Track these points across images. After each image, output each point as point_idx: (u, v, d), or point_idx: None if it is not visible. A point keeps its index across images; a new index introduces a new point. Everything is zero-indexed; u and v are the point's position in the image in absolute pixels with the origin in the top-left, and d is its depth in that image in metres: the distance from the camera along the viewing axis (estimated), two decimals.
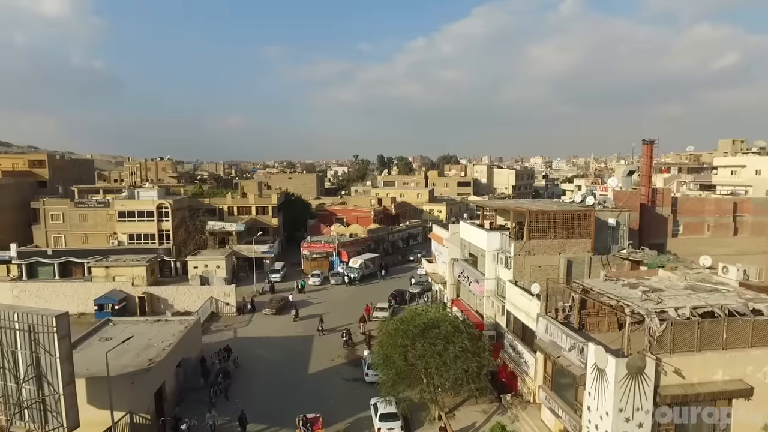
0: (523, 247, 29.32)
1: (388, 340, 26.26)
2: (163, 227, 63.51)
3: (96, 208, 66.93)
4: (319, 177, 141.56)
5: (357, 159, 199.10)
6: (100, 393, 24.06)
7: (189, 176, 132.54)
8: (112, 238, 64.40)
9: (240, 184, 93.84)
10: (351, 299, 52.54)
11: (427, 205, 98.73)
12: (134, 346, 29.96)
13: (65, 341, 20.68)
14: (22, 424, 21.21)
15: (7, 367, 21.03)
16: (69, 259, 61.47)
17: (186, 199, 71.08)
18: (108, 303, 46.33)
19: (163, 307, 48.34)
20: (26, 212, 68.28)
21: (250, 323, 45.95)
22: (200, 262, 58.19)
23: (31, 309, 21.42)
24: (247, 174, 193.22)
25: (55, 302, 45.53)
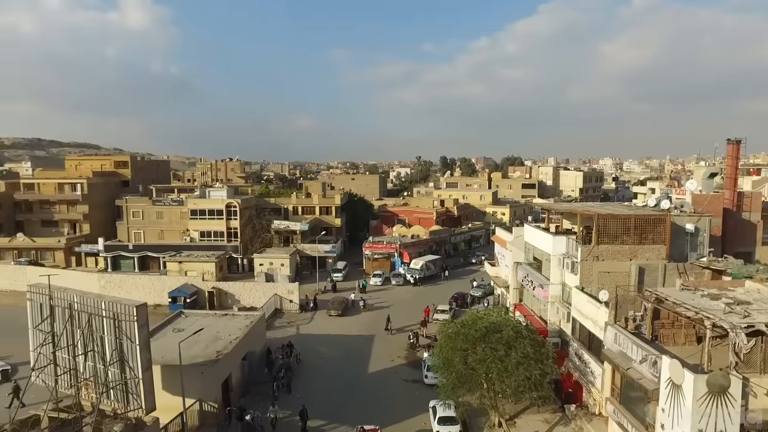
0: (591, 252, 28.15)
1: (448, 343, 26.03)
2: (232, 225, 66.25)
3: (171, 206, 70.92)
4: (382, 178, 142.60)
5: (419, 160, 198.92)
6: (173, 380, 25.50)
7: (256, 176, 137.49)
8: (185, 234, 67.96)
9: (304, 185, 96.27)
10: (412, 300, 52.53)
11: (490, 208, 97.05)
12: (204, 338, 31.48)
13: (144, 330, 22.08)
14: (109, 402, 22.86)
15: (96, 350, 22.76)
16: (147, 253, 65.57)
17: (253, 198, 73.75)
18: (181, 296, 48.91)
19: (230, 301, 50.48)
20: (112, 209, 73.63)
21: (312, 321, 47.02)
22: (266, 259, 60.21)
23: (116, 299, 23.04)
24: (312, 174, 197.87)
25: (134, 293, 48.72)
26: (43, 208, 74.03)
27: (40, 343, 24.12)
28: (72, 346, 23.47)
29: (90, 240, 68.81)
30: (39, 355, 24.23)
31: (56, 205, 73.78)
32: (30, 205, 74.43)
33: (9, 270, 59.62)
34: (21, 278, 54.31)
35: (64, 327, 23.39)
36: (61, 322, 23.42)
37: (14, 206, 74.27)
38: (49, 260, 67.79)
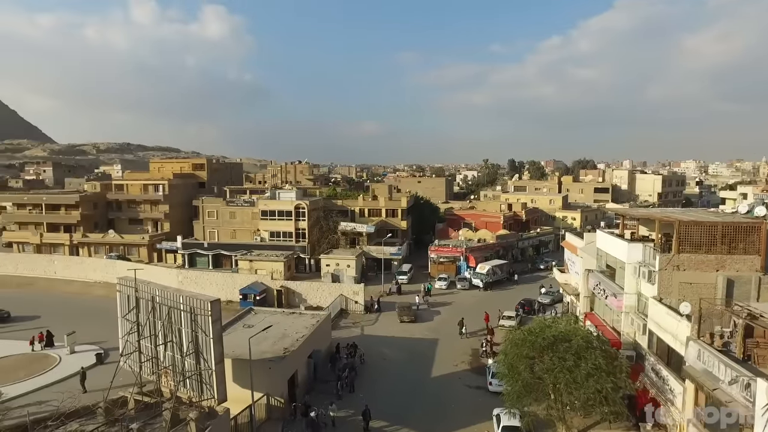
0: (671, 261, 26.44)
1: (514, 350, 25.36)
2: (300, 226, 68.14)
3: (243, 206, 74.06)
4: (448, 181, 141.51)
5: (487, 163, 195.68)
6: (242, 373, 26.61)
7: (324, 178, 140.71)
8: (256, 234, 70.68)
9: (371, 187, 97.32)
10: (477, 305, 51.70)
11: (560, 212, 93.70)
12: (272, 334, 32.58)
13: (217, 324, 23.20)
14: (185, 390, 24.26)
15: (175, 342, 24.24)
16: (220, 251, 68.84)
17: (321, 200, 75.45)
18: (251, 293, 50.91)
19: (297, 300, 51.94)
20: (189, 209, 78.02)
21: (377, 322, 47.41)
22: (332, 260, 61.44)
23: (192, 294, 24.37)
24: (378, 177, 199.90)
25: (208, 289, 51.32)
26: (131, 207, 79.83)
27: (127, 332, 26.05)
28: (154, 336, 25.14)
29: (170, 238, 73.33)
30: (126, 342, 26.15)
31: (141, 205, 79.30)
32: (120, 205, 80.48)
33: (102, 263, 64.71)
34: (111, 271, 58.91)
35: (147, 318, 25.09)
36: (145, 313, 25.14)
37: (107, 205, 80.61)
38: (134, 255, 72.98)
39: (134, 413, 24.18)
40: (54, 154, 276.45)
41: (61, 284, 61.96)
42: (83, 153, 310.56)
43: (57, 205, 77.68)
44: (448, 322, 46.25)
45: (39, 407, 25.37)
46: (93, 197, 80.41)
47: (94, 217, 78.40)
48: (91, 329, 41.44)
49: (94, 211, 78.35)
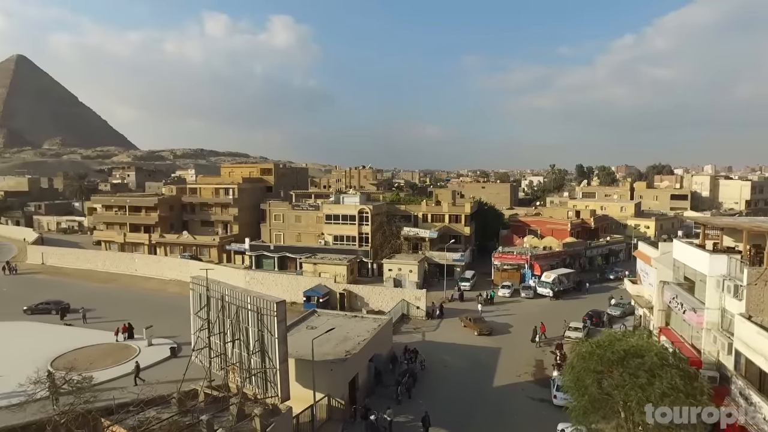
0: (763, 275, 24.36)
1: (581, 363, 24.25)
2: (363, 230, 68.90)
3: (308, 210, 75.91)
4: (513, 187, 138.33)
5: (553, 168, 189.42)
6: (305, 374, 27.22)
7: (387, 184, 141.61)
8: (320, 238, 72.19)
9: (434, 192, 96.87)
10: (541, 315, 50.02)
11: (632, 220, 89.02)
12: (334, 336, 33.10)
13: (282, 325, 23.90)
14: (251, 387, 25.19)
15: (242, 340, 25.24)
16: (285, 254, 70.89)
17: (384, 205, 75.93)
18: (314, 296, 51.98)
19: (359, 304, 52.49)
20: (257, 212, 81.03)
21: (438, 328, 47.02)
22: (395, 265, 61.63)
23: (259, 294, 25.27)
24: (441, 182, 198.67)
25: (273, 290, 52.94)
26: (203, 209, 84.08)
27: (198, 328, 27.40)
28: (223, 333, 26.28)
29: (238, 239, 76.44)
30: (198, 338, 27.51)
31: (213, 208, 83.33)
32: (193, 207, 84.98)
33: (176, 263, 68.52)
34: (185, 270, 62.21)
35: (217, 316, 26.28)
36: (215, 311, 26.34)
37: (182, 208, 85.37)
38: (205, 256, 76.71)
39: (204, 405, 25.36)
40: (137, 159, 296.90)
41: (140, 281, 66.19)
42: (162, 158, 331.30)
43: (138, 207, 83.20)
44: (511, 330, 45.12)
45: (122, 393, 27.22)
46: (169, 200, 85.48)
47: (170, 219, 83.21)
48: (166, 324, 43.92)
49: (170, 213, 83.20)
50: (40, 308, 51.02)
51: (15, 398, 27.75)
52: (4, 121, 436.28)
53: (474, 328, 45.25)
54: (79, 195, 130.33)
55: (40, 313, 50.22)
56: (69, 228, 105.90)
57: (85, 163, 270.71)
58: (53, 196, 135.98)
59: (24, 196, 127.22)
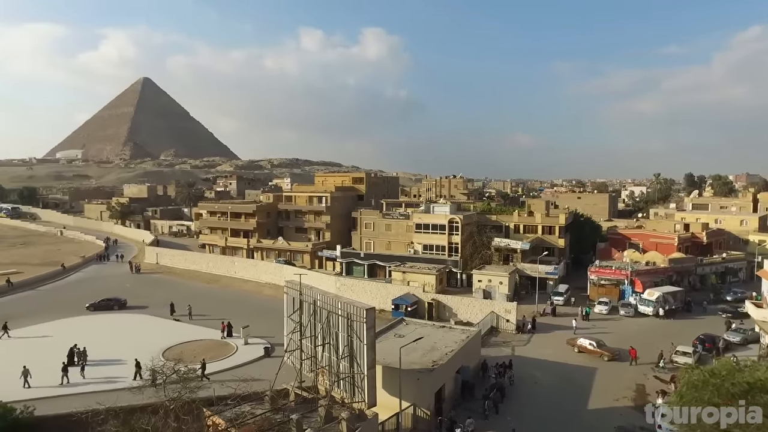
0: None
1: (692, 392, 22.03)
2: (453, 240, 68.21)
3: (398, 219, 76.56)
4: (612, 197, 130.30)
5: (658, 178, 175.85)
6: (392, 381, 27.31)
7: (478, 193, 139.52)
8: (410, 246, 72.46)
9: (527, 203, 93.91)
10: (643, 335, 46.47)
11: (754, 235, 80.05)
12: (421, 346, 32.94)
13: (371, 331, 24.21)
14: (339, 391, 25.76)
15: (332, 344, 25.94)
16: (375, 262, 71.89)
17: (474, 214, 74.74)
18: (403, 304, 52.15)
19: (447, 314, 51.90)
20: (348, 220, 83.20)
21: (529, 343, 45.21)
22: (484, 276, 60.32)
23: (349, 300, 25.84)
24: (534, 192, 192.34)
25: (363, 297, 53.84)
26: (297, 216, 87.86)
27: (291, 331, 28.54)
28: (314, 336, 27.14)
29: (330, 246, 78.82)
30: (290, 340, 28.65)
31: (306, 215, 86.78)
32: (288, 214, 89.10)
33: (272, 267, 72.08)
34: (279, 274, 65.23)
35: (309, 320, 27.20)
36: (307, 315, 27.29)
37: (278, 214, 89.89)
38: (299, 261, 79.93)
39: (294, 405, 26.32)
40: (238, 168, 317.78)
41: (239, 283, 70.40)
42: (260, 168, 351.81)
43: (238, 213, 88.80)
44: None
45: (221, 386, 29.03)
46: (266, 207, 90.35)
47: (267, 225, 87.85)
48: (261, 325, 46.24)
49: (267, 220, 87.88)
50: (102, 305, 55.29)
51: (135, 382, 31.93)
52: (131, 136, 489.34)
53: (602, 353, 41.13)
54: (188, 201, 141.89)
55: (102, 310, 54.35)
56: (179, 231, 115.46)
57: (194, 172, 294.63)
58: (167, 202, 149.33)
59: (144, 201, 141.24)
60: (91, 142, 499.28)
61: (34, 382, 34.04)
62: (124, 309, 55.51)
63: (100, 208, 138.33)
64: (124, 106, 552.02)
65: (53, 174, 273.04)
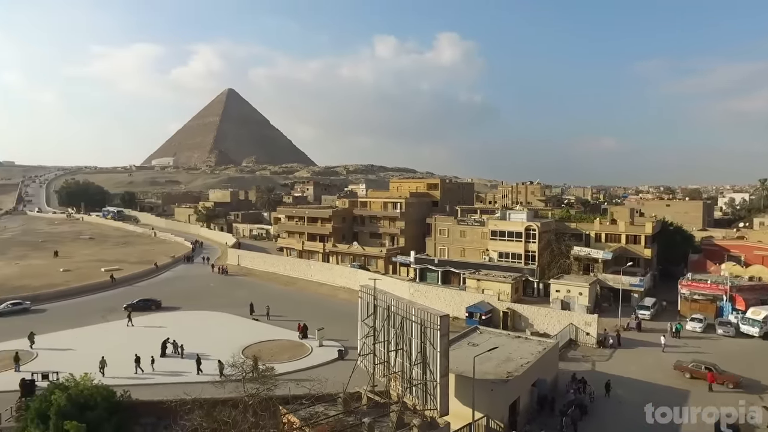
0: None
1: None
2: (530, 248, 66.08)
3: (473, 226, 75.34)
4: (707, 205, 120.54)
5: (764, 184, 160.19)
6: (464, 391, 26.78)
7: (556, 200, 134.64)
8: (485, 254, 71.00)
9: (609, 210, 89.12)
10: (745, 358, 42.30)
11: None
12: (496, 356, 32.07)
13: (445, 339, 23.93)
14: (411, 397, 25.67)
15: (405, 350, 25.92)
16: (449, 268, 71.15)
17: (552, 222, 72.15)
18: (477, 312, 51.17)
19: (523, 324, 50.28)
20: (422, 226, 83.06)
21: (611, 359, 42.68)
22: (563, 286, 57.88)
23: (423, 307, 25.74)
24: (617, 199, 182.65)
25: (436, 304, 53.40)
26: (372, 222, 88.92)
27: (364, 335, 28.85)
28: (387, 341, 27.24)
29: (404, 252, 78.97)
30: (363, 344, 28.96)
31: (381, 220, 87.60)
32: (363, 220, 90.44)
33: (346, 271, 73.41)
34: (353, 279, 66.30)
35: (382, 325, 27.36)
36: (381, 320, 27.46)
37: (353, 220, 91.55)
38: (373, 266, 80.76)
39: (366, 409, 26.52)
40: (315, 174, 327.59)
41: (314, 286, 72.30)
42: (336, 174, 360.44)
43: (315, 218, 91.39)
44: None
45: (296, 386, 29.89)
46: (342, 212, 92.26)
47: (342, 230, 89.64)
48: (335, 327, 47.14)
49: (342, 225, 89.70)
50: (140, 305, 57.06)
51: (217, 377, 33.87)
52: (216, 144, 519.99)
53: (726, 380, 36.64)
54: (268, 206, 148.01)
55: (140, 310, 55.93)
56: (258, 235, 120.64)
57: (273, 178, 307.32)
58: (248, 206, 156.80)
59: (227, 206, 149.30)
60: (181, 150, 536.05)
61: (126, 371, 37.34)
62: (159, 310, 57.69)
63: (188, 211, 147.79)
64: (211, 116, 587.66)
65: (149, 180, 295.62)
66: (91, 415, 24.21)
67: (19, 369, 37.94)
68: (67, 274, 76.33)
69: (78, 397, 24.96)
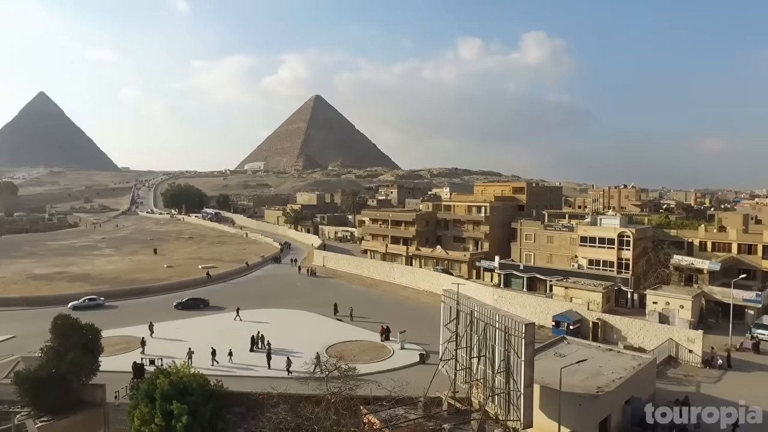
0: None
1: None
2: (623, 256, 62.17)
3: (561, 231, 72.17)
4: None
5: None
6: (550, 404, 25.58)
7: (654, 205, 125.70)
8: (573, 260, 67.77)
9: (717, 216, 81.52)
10: None
11: None
12: (584, 368, 30.36)
13: (530, 348, 23.06)
14: (493, 406, 24.99)
15: (487, 357, 25.30)
16: (535, 275, 68.63)
17: (650, 228, 67.45)
18: (564, 321, 48.86)
19: (615, 337, 47.29)
20: (507, 231, 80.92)
21: (720, 381, 38.77)
22: (661, 298, 53.66)
23: (508, 314, 24.99)
24: (726, 204, 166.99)
25: (521, 311, 51.64)
26: (455, 226, 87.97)
27: (446, 340, 28.53)
28: (469, 347, 26.74)
29: (488, 257, 77.29)
30: (445, 349, 28.65)
31: (465, 224, 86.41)
32: (446, 223, 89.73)
33: (429, 275, 73.18)
34: (436, 283, 65.91)
35: (465, 330, 26.90)
36: (463, 325, 27.01)
37: (436, 223, 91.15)
38: (456, 270, 79.80)
39: (447, 414, 26.17)
40: (399, 178, 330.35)
41: (397, 288, 72.73)
42: (420, 177, 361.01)
43: (398, 221, 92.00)
44: None
45: (377, 387, 30.16)
46: (425, 216, 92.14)
47: (426, 233, 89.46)
48: (416, 331, 47.00)
49: (425, 228, 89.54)
50: (189, 303, 59.31)
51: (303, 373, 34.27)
52: (303, 148, 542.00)
53: None
54: (352, 209, 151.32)
55: (189, 308, 58.18)
56: (343, 237, 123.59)
57: (358, 182, 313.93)
58: (333, 209, 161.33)
59: (313, 208, 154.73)
60: (271, 155, 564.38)
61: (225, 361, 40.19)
62: (207, 308, 59.73)
63: (277, 213, 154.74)
64: (299, 122, 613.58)
65: (241, 183, 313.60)
66: (190, 400, 26.10)
67: (144, 352, 42.49)
68: (170, 270, 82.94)
69: (178, 383, 26.97)
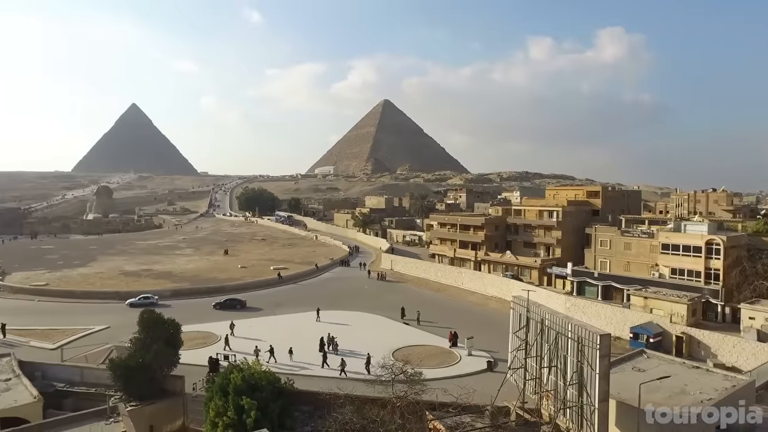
0: None
1: None
2: (712, 265, 57.64)
3: (640, 237, 68.16)
4: None
5: None
6: (627, 421, 24.07)
7: (749, 210, 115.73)
8: (653, 269, 63.76)
9: None
10: None
11: None
12: (667, 386, 28.29)
13: (605, 360, 21.83)
14: (564, 420, 23.90)
15: (559, 368, 24.26)
16: (611, 283, 65.22)
17: (744, 236, 62.09)
18: (643, 334, 46.13)
19: (703, 353, 43.90)
20: (581, 236, 77.53)
21: None
22: (759, 313, 49.13)
23: (581, 323, 23.83)
24: None
25: (595, 321, 49.27)
26: (526, 231, 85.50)
27: (515, 348, 27.67)
28: (539, 357, 25.77)
29: (560, 263, 74.43)
30: (514, 357, 27.79)
31: (535, 229, 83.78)
32: (516, 228, 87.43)
33: (498, 280, 71.56)
34: (505, 289, 64.35)
35: (535, 338, 25.97)
36: (533, 333, 26.10)
37: (506, 228, 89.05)
38: (526, 277, 77.49)
39: (515, 425, 25.35)
40: (468, 182, 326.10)
41: (465, 294, 71.68)
42: (489, 181, 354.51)
43: (467, 226, 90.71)
44: None
45: (443, 393, 29.80)
46: (495, 220, 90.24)
47: (495, 238, 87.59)
48: (484, 338, 46.11)
49: (495, 233, 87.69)
50: (227, 304, 60.62)
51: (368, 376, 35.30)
52: (372, 153, 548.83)
53: None
54: (420, 213, 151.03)
55: (227, 309, 59.01)
56: (411, 241, 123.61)
57: (426, 186, 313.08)
58: (401, 213, 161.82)
59: (382, 212, 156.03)
60: (340, 159, 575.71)
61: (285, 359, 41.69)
62: (244, 309, 60.48)
63: (346, 216, 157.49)
64: (367, 127, 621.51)
65: (312, 187, 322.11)
66: (260, 396, 27.08)
67: (226, 348, 45.21)
68: (243, 270, 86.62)
69: (250, 379, 28.08)
